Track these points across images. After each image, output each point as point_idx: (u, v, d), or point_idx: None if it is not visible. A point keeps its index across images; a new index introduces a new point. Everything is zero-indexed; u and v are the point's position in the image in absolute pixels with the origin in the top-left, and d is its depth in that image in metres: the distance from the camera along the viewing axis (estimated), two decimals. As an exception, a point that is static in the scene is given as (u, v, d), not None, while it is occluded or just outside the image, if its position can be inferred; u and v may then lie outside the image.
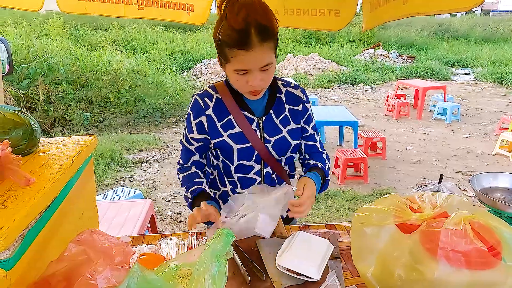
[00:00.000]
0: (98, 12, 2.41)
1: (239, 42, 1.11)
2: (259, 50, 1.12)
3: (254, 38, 1.10)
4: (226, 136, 1.33)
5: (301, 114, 1.40)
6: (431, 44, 16.38)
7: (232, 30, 1.12)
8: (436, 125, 7.09)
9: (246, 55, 1.13)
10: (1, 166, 0.93)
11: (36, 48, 7.72)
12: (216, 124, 1.33)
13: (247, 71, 1.17)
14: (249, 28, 1.10)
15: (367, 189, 4.37)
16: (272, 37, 1.15)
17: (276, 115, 1.36)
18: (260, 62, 1.15)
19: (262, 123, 1.34)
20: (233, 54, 1.14)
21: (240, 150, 1.33)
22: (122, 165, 5.00)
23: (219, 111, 1.33)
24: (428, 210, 0.99)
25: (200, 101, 1.34)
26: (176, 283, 0.82)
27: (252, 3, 1.13)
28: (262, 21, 1.12)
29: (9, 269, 0.76)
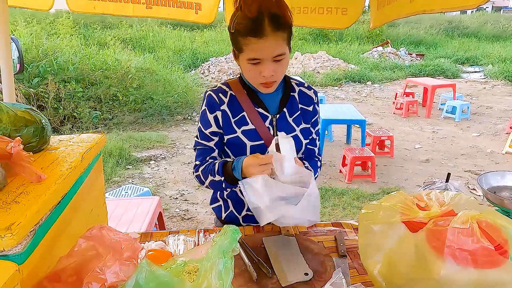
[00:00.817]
0: (107, 11, 2.44)
1: (252, 30, 1.14)
2: (272, 39, 1.14)
3: (267, 27, 1.13)
4: (240, 133, 1.33)
5: (311, 115, 1.41)
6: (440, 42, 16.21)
7: (246, 19, 1.15)
8: (445, 123, 7.02)
9: (259, 43, 1.15)
10: (13, 163, 0.95)
11: (46, 46, 7.81)
12: (231, 120, 1.33)
13: (260, 60, 1.18)
14: (262, 17, 1.13)
15: (375, 188, 4.35)
16: (285, 27, 1.17)
17: (289, 113, 1.37)
18: (273, 51, 1.17)
19: (275, 120, 1.34)
20: (246, 43, 1.17)
21: (253, 147, 1.33)
22: (130, 162, 5.05)
23: (233, 107, 1.34)
24: (435, 208, 0.99)
25: (214, 96, 1.34)
26: (183, 278, 0.83)
27: None
28: (275, 10, 1.15)
29: (21, 263, 0.77)
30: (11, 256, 0.76)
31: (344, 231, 1.43)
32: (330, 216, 3.70)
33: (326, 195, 4.08)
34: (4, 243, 0.74)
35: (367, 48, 14.34)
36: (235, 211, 1.48)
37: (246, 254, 1.23)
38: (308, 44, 14.43)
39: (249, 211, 1.46)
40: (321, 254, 1.24)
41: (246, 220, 1.48)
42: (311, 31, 15.18)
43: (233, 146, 1.35)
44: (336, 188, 4.27)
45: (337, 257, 1.27)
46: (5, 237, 0.74)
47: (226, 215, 1.49)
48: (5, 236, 0.74)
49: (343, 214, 3.77)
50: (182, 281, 0.81)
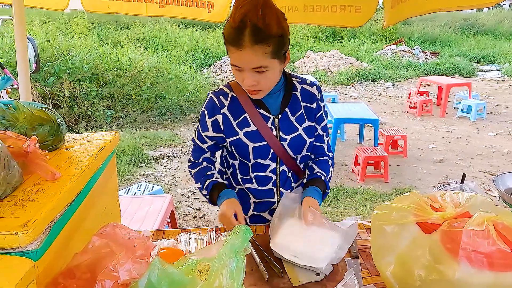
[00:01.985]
0: (121, 10, 2.47)
1: (232, 40, 1.14)
2: (250, 51, 1.13)
3: (246, 38, 1.11)
4: (242, 135, 1.33)
5: (315, 111, 1.40)
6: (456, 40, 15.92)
7: (230, 26, 1.15)
8: (460, 123, 6.91)
9: (237, 53, 1.15)
10: (29, 161, 0.97)
11: (61, 46, 7.94)
12: (232, 123, 1.34)
13: (241, 69, 1.19)
14: (243, 28, 1.11)
15: (388, 188, 4.31)
16: (267, 40, 1.12)
17: (292, 113, 1.36)
18: (250, 63, 1.16)
19: (278, 121, 1.34)
20: (229, 50, 1.18)
21: (256, 148, 1.33)
22: (143, 161, 5.10)
23: (234, 109, 1.34)
24: (450, 210, 0.98)
25: (215, 99, 1.35)
26: (195, 277, 0.84)
27: (255, 4, 1.12)
28: (258, 23, 1.11)
29: (36, 260, 0.79)
30: (27, 252, 0.78)
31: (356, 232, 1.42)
32: (342, 216, 3.67)
33: (338, 195, 4.06)
34: (21, 239, 0.76)
35: (380, 46, 14.17)
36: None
37: (257, 253, 1.23)
38: (320, 43, 14.34)
39: (255, 211, 1.47)
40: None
41: (253, 220, 1.48)
42: (323, 30, 15.07)
43: (236, 148, 1.37)
44: (348, 188, 4.24)
45: (349, 257, 1.26)
46: (22, 234, 0.76)
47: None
48: (21, 233, 0.76)
49: (355, 214, 3.74)
50: (194, 280, 0.81)
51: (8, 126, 1.07)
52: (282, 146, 1.34)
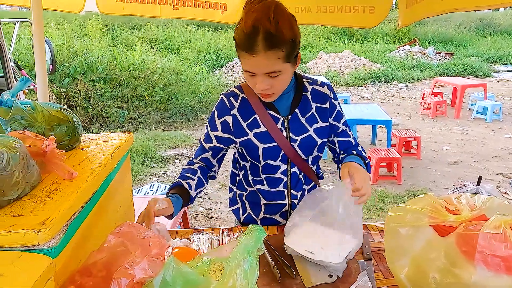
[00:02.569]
0: (135, 12, 2.50)
1: (245, 46, 1.13)
2: (263, 57, 1.12)
3: (259, 44, 1.10)
4: (252, 135, 1.33)
5: (329, 111, 1.39)
6: (471, 40, 15.66)
7: (242, 32, 1.13)
8: (475, 124, 6.79)
9: (250, 59, 1.14)
10: (47, 160, 0.99)
11: (76, 48, 8.08)
12: (242, 124, 1.34)
13: (254, 74, 1.18)
14: (257, 34, 1.10)
15: (400, 190, 4.26)
16: (280, 45, 1.11)
17: (302, 113, 1.35)
18: (264, 68, 1.15)
19: (287, 122, 1.34)
20: (241, 56, 1.17)
21: (266, 149, 1.33)
22: (155, 161, 5.14)
23: (244, 110, 1.34)
24: (465, 212, 0.96)
25: (226, 100, 1.36)
26: (209, 276, 0.84)
27: (267, 9, 1.11)
28: (271, 28, 1.09)
29: (54, 257, 0.80)
30: (45, 250, 0.79)
31: (369, 233, 1.41)
32: (354, 218, 3.64)
33: (350, 197, 4.03)
34: (39, 237, 0.77)
35: (393, 47, 14.03)
36: (253, 214, 1.49)
37: (270, 254, 1.23)
38: (332, 44, 14.26)
39: (266, 213, 1.46)
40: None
41: (264, 222, 1.48)
42: (336, 30, 14.99)
43: (247, 148, 1.36)
44: (361, 189, 4.21)
45: (362, 259, 1.25)
46: (40, 231, 0.77)
47: (245, 217, 1.51)
48: (40, 231, 0.77)
49: (367, 216, 3.71)
50: (208, 279, 0.82)
51: (27, 126, 1.10)
52: (293, 147, 1.34)
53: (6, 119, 1.08)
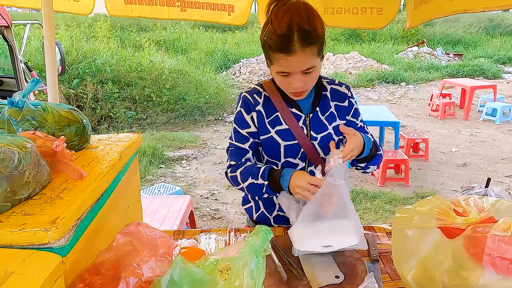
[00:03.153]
0: (143, 14, 2.52)
1: (281, 47, 1.14)
2: (301, 55, 1.14)
3: (296, 43, 1.12)
4: (274, 133, 1.34)
5: (347, 109, 1.41)
6: (480, 41, 15.50)
7: (275, 34, 1.14)
8: (484, 126, 6.72)
9: (288, 59, 1.15)
10: (57, 160, 1.01)
11: (85, 49, 8.16)
12: (265, 120, 1.35)
13: (289, 73, 1.19)
14: (292, 33, 1.12)
15: (408, 192, 4.23)
16: (315, 41, 1.15)
17: (322, 112, 1.37)
18: (302, 66, 1.17)
19: (309, 120, 1.35)
20: (275, 58, 1.18)
21: (287, 147, 1.34)
22: (163, 161, 5.17)
23: (267, 107, 1.36)
24: (473, 214, 0.96)
25: (249, 98, 1.37)
26: (216, 276, 0.85)
27: (297, 8, 1.14)
28: (305, 26, 1.12)
29: (64, 256, 0.82)
30: (55, 248, 0.81)
31: (376, 235, 1.40)
32: (362, 220, 3.63)
33: (357, 198, 4.02)
34: (49, 236, 0.79)
35: (401, 48, 13.95)
36: (266, 212, 1.49)
37: (277, 255, 1.23)
38: (340, 45, 14.22)
39: (280, 211, 1.46)
40: (353, 257, 1.23)
41: (277, 220, 1.48)
42: (343, 31, 14.95)
43: (267, 146, 1.37)
44: (368, 191, 4.19)
45: (369, 261, 1.25)
46: (50, 230, 0.79)
47: (258, 215, 1.51)
48: (50, 230, 0.79)
49: (375, 217, 3.69)
50: (215, 279, 0.83)
51: (38, 126, 1.11)
52: (313, 145, 1.35)
53: (17, 119, 1.09)
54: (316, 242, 1.19)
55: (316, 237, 1.21)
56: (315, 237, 1.21)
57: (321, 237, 1.20)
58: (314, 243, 1.19)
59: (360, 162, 1.34)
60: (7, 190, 0.83)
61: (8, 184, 0.83)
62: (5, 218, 0.82)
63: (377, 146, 1.37)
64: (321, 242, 1.18)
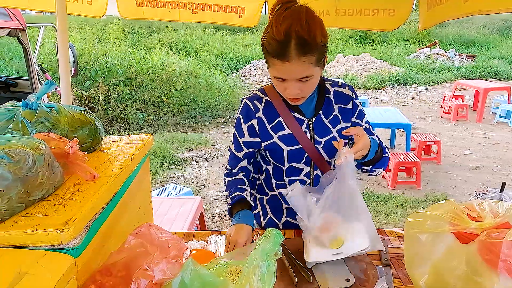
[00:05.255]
0: (155, 17, 2.54)
1: (277, 53, 1.12)
2: (296, 63, 1.12)
3: (292, 51, 1.10)
4: (276, 138, 1.33)
5: (351, 111, 1.39)
6: (494, 42, 15.25)
7: (273, 40, 1.12)
8: (498, 128, 6.61)
9: (283, 66, 1.13)
10: (70, 162, 1.02)
11: (97, 51, 8.25)
12: (267, 127, 1.34)
13: (285, 79, 1.18)
14: (289, 41, 1.10)
15: (420, 195, 4.18)
16: (313, 51, 1.12)
17: (325, 115, 1.35)
18: (297, 74, 1.15)
19: (312, 124, 1.34)
20: (272, 62, 1.16)
21: (291, 152, 1.33)
22: (173, 163, 5.20)
23: (268, 113, 1.34)
24: (488, 219, 0.94)
25: (250, 104, 1.36)
26: (226, 279, 0.85)
27: (298, 15, 1.11)
28: (304, 34, 1.09)
29: (76, 257, 0.82)
30: (68, 249, 0.81)
31: (388, 239, 1.39)
32: (372, 223, 3.59)
33: (368, 201, 3.98)
34: (62, 237, 0.79)
35: (413, 49, 13.81)
36: (275, 218, 1.48)
37: (287, 257, 1.22)
38: (351, 46, 14.14)
39: (289, 217, 1.46)
40: (364, 261, 1.21)
41: (286, 226, 1.48)
42: (354, 33, 14.85)
43: (271, 152, 1.37)
44: (379, 194, 4.15)
45: (380, 265, 1.23)
46: (63, 231, 0.79)
47: (266, 222, 1.51)
48: (63, 231, 0.80)
49: (386, 221, 3.65)
50: (225, 282, 0.83)
51: (51, 128, 1.13)
52: (317, 149, 1.33)
53: (31, 121, 1.11)
54: (326, 249, 1.18)
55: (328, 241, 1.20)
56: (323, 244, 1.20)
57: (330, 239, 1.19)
58: (324, 252, 1.18)
59: (365, 165, 1.32)
60: (21, 191, 0.84)
61: (23, 185, 0.84)
62: (19, 219, 0.83)
63: (383, 148, 1.35)
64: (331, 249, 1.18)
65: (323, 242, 1.19)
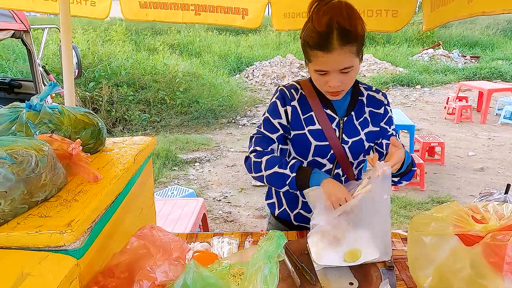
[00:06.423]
0: (159, 18, 2.54)
1: (320, 44, 1.15)
2: (339, 53, 1.15)
3: (334, 41, 1.13)
4: (307, 131, 1.34)
5: (382, 116, 1.40)
6: (498, 43, 15.18)
7: (315, 32, 1.16)
8: (502, 130, 6.58)
9: (325, 57, 1.16)
10: (73, 163, 1.02)
11: (101, 53, 8.28)
12: (300, 116, 1.35)
13: (327, 72, 1.20)
14: (331, 31, 1.13)
15: (423, 196, 4.17)
16: (354, 41, 1.16)
17: (356, 117, 1.37)
18: (339, 64, 1.18)
19: (342, 123, 1.35)
20: (314, 55, 1.19)
21: (318, 147, 1.34)
22: (176, 164, 5.20)
23: (303, 104, 1.36)
24: (493, 222, 0.93)
25: (286, 91, 1.37)
26: (229, 281, 0.84)
27: (338, 7, 1.16)
28: (345, 25, 1.13)
29: (79, 258, 0.82)
30: (70, 251, 0.81)
31: (392, 241, 1.38)
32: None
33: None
34: (65, 238, 0.79)
35: (416, 50, 13.76)
36: (288, 209, 1.48)
37: (290, 259, 1.22)
38: (354, 47, 14.10)
39: (302, 210, 1.46)
40: (367, 263, 1.21)
41: (298, 218, 1.48)
42: (357, 34, 14.80)
43: (297, 143, 1.36)
44: (382, 195, 4.14)
45: (383, 267, 1.23)
46: (66, 233, 0.79)
47: (279, 212, 1.51)
48: (65, 232, 0.79)
49: (389, 222, 3.63)
50: (228, 284, 0.82)
51: (54, 129, 1.13)
52: (343, 148, 1.34)
53: (35, 122, 1.11)
54: (336, 254, 1.17)
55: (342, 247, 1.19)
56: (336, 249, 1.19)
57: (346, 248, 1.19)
58: (334, 256, 1.17)
59: (394, 176, 1.32)
60: (24, 192, 0.84)
61: (26, 186, 0.84)
62: (22, 220, 0.83)
63: (413, 162, 1.35)
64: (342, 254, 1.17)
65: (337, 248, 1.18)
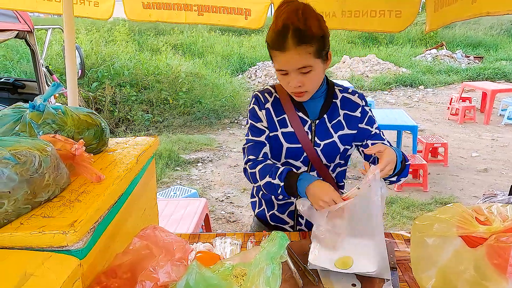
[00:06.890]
0: (162, 19, 2.55)
1: (276, 43, 1.21)
2: (294, 52, 1.18)
3: (289, 41, 1.18)
4: (280, 133, 1.37)
5: (359, 119, 1.40)
6: (501, 43, 15.11)
7: (273, 32, 1.22)
8: (506, 130, 6.55)
9: (281, 56, 1.21)
10: (76, 163, 1.02)
11: (104, 53, 8.31)
12: (274, 119, 1.38)
13: (286, 72, 1.24)
14: (287, 31, 1.18)
15: (426, 197, 4.15)
16: (309, 41, 1.18)
17: (329, 119, 1.37)
18: (295, 64, 1.21)
19: (314, 126, 1.36)
20: (273, 55, 1.25)
21: (290, 149, 1.36)
22: (179, 164, 5.21)
23: (276, 107, 1.39)
24: (497, 223, 0.93)
25: (260, 96, 1.42)
26: (231, 282, 0.84)
27: (295, 8, 1.19)
28: (300, 25, 1.17)
29: (82, 258, 0.82)
30: (73, 251, 0.81)
31: (394, 242, 1.38)
32: (378, 225, 3.57)
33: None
34: (68, 238, 0.80)
35: (419, 50, 13.72)
36: (266, 210, 1.52)
37: (292, 260, 1.22)
38: (357, 48, 14.08)
39: (277, 211, 1.49)
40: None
41: (273, 219, 1.51)
42: (360, 34, 14.80)
43: (271, 145, 1.39)
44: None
45: (386, 269, 1.22)
46: (69, 233, 0.80)
47: (259, 211, 1.55)
48: (68, 232, 0.80)
49: (392, 223, 3.63)
50: (230, 285, 0.82)
51: (58, 130, 1.13)
52: (316, 151, 1.36)
53: (38, 122, 1.11)
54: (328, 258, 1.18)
55: (336, 253, 1.19)
56: (334, 253, 1.19)
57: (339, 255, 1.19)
58: (325, 260, 1.17)
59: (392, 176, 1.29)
60: (28, 193, 0.85)
61: (29, 186, 0.85)
62: (26, 220, 0.84)
63: (405, 156, 1.34)
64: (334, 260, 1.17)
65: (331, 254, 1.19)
